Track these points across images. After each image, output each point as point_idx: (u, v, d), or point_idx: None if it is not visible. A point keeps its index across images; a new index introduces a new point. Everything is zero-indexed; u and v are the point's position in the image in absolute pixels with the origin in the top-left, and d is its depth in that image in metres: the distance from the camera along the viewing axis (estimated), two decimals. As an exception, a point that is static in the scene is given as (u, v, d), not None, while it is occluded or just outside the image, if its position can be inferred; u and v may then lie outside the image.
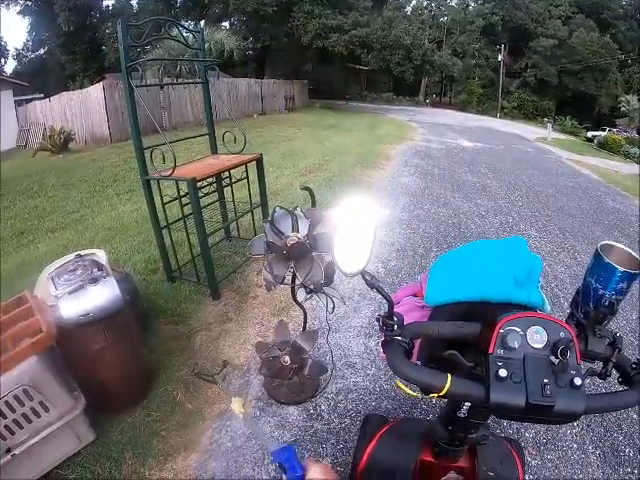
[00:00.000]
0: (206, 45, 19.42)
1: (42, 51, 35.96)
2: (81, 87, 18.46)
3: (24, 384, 1.79)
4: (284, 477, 0.83)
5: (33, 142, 16.14)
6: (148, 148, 2.92)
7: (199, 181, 2.94)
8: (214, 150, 3.71)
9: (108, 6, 31.81)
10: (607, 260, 0.84)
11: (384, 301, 0.88)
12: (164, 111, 14.55)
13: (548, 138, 20.62)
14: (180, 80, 14.16)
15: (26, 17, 31.27)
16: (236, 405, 2.09)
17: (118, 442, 2.14)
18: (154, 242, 4.07)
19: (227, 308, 3.08)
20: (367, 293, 3.35)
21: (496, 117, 34.12)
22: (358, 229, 0.86)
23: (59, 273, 2.14)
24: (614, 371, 0.87)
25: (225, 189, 3.77)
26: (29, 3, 29.42)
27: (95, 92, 13.44)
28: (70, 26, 26.98)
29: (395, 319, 0.87)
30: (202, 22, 28.43)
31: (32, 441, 1.90)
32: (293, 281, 2.02)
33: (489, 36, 40.49)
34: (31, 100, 19.11)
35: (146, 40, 2.91)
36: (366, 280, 0.87)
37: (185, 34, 3.74)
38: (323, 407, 2.28)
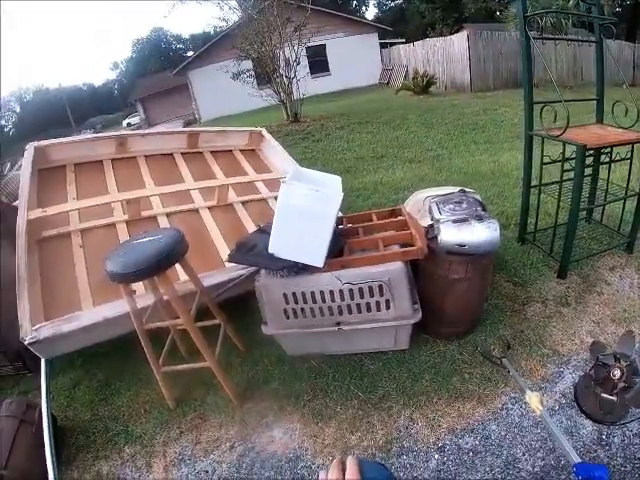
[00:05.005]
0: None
1: (401, 0, 39.12)
2: (440, 35, 19.14)
3: (382, 281, 2.09)
4: None
5: (395, 81, 17.98)
6: (539, 103, 2.80)
7: (588, 150, 2.68)
8: (599, 119, 3.31)
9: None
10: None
11: None
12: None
13: None
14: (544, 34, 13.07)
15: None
16: (534, 400, 1.97)
17: (423, 362, 2.37)
18: (509, 198, 4.06)
19: (569, 292, 2.85)
20: None
21: None
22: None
23: (444, 201, 2.34)
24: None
25: (600, 166, 3.33)
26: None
27: (459, 41, 13.71)
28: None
29: None
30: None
31: (360, 326, 2.26)
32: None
33: None
34: (394, 44, 21.01)
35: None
36: None
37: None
38: (616, 439, 1.94)
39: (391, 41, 22.69)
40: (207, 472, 2.03)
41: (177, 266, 2.16)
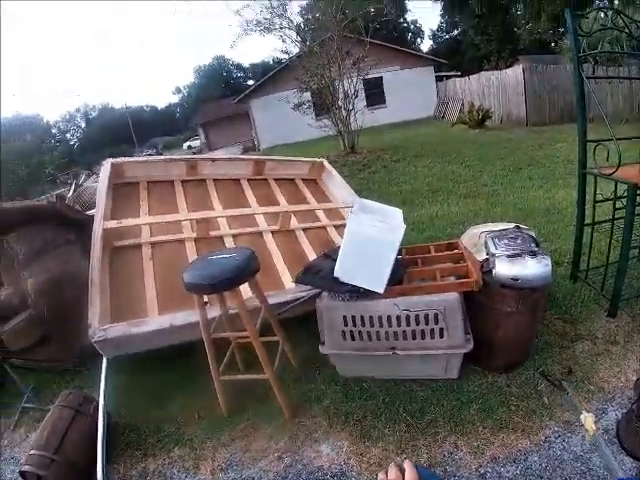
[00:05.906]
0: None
1: (456, 32, 39.15)
2: (495, 67, 18.99)
3: (438, 310, 2.20)
4: None
5: (450, 115, 17.99)
6: (592, 142, 2.85)
7: (639, 188, 2.70)
8: (654, 156, 3.31)
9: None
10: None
11: None
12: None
13: None
14: (597, 70, 12.83)
15: (437, 2, 33.88)
16: (588, 421, 1.98)
17: (471, 391, 2.40)
18: (562, 235, 4.05)
19: (618, 330, 2.83)
20: None
21: None
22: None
23: (500, 236, 2.43)
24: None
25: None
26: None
27: (513, 74, 13.61)
28: (482, 9, 27.31)
29: None
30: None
31: (414, 352, 2.34)
32: None
33: None
34: (450, 77, 21.07)
35: (594, 31, 2.79)
36: None
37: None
38: (655, 477, 1.92)
39: (446, 74, 22.84)
40: (253, 479, 2.13)
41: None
